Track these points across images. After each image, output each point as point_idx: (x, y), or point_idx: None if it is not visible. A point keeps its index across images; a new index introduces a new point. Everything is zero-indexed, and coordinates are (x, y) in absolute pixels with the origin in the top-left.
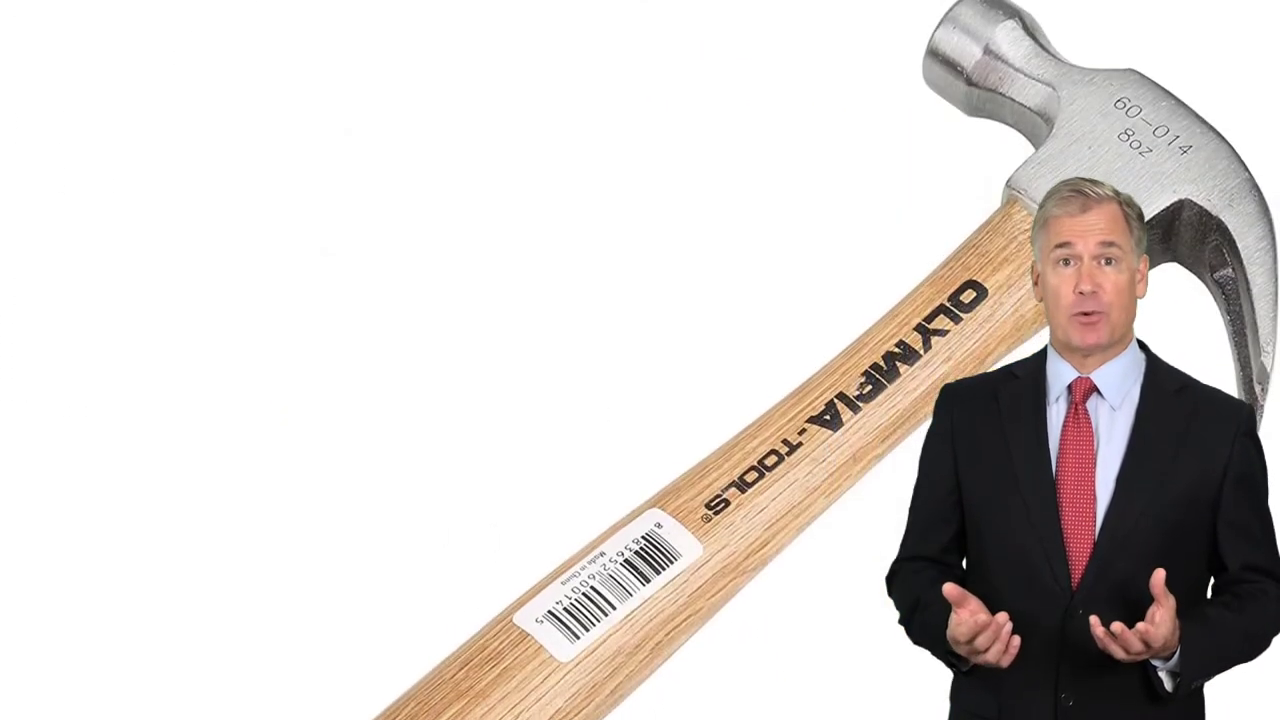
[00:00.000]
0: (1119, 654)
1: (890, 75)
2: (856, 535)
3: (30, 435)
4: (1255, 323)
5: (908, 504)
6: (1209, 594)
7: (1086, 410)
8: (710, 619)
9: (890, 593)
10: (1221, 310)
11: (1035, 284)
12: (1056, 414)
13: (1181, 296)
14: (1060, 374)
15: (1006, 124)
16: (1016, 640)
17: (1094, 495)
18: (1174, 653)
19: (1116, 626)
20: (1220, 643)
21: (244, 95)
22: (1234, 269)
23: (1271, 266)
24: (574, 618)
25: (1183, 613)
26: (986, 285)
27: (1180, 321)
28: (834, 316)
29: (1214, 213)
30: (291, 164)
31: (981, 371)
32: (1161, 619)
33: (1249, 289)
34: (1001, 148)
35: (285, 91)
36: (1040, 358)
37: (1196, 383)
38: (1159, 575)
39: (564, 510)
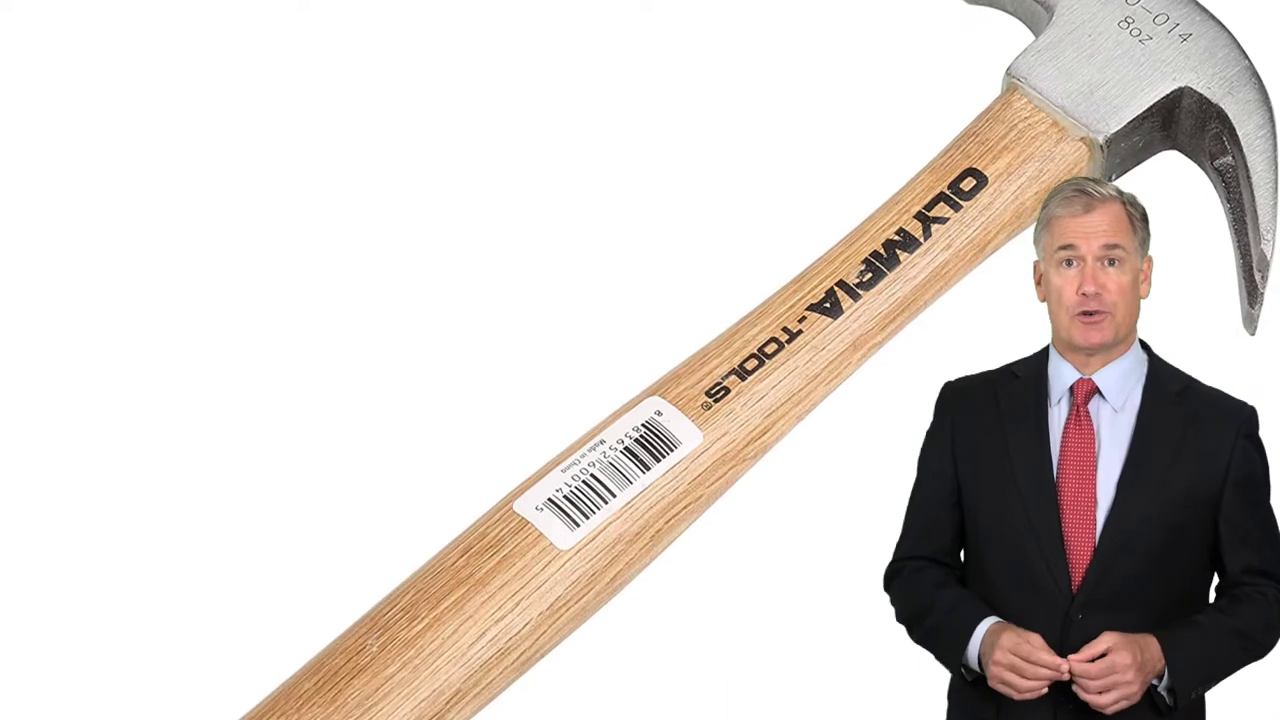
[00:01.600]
0: (1095, 699)
1: None
2: (857, 423)
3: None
4: (1255, 210)
5: (906, 503)
6: (1211, 597)
7: (1088, 412)
8: (710, 506)
9: (888, 589)
10: (1221, 198)
11: (1038, 284)
12: (1058, 416)
13: (1182, 185)
14: (1062, 375)
15: (1006, 11)
16: (1045, 689)
17: (1095, 498)
18: (1163, 671)
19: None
20: (1213, 647)
21: (240, 95)
22: (1234, 157)
23: (1271, 154)
24: (574, 505)
25: (1177, 620)
26: (986, 173)
27: (1180, 211)
28: (834, 204)
29: (1214, 100)
30: (285, 164)
31: (982, 259)
32: (1110, 642)
33: (1249, 176)
34: (1002, 35)
35: (283, 92)
36: (1042, 358)
37: (1199, 384)
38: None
39: (564, 398)
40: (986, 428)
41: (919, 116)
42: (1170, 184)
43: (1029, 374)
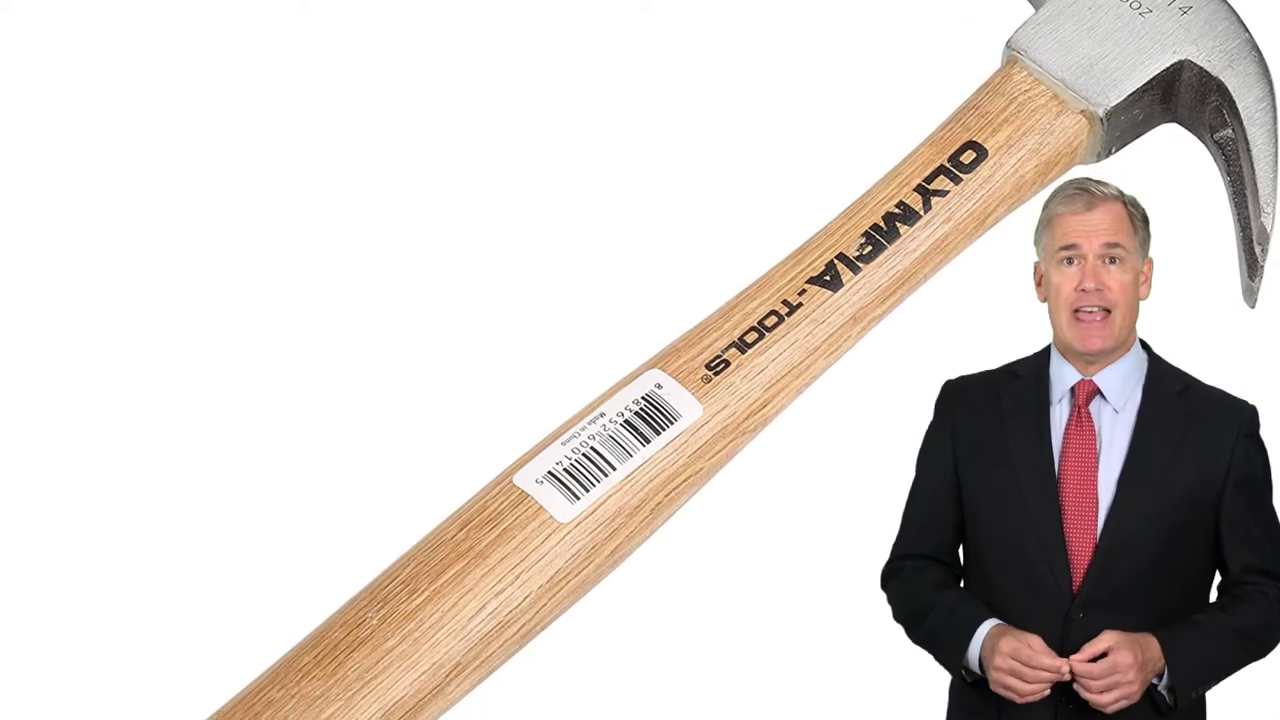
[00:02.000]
0: (1097, 698)
1: None
2: (857, 396)
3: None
4: (1255, 183)
5: (905, 501)
6: (1213, 596)
7: (1089, 413)
8: (710, 480)
9: (885, 588)
10: (1221, 171)
11: (1038, 285)
12: (1059, 416)
13: (1182, 159)
14: (1063, 376)
15: None
16: (1047, 690)
17: (1096, 497)
18: (1163, 670)
19: (1072, 665)
20: (1214, 647)
21: (240, 95)
22: (1234, 130)
23: (1271, 127)
24: (574, 478)
25: (1177, 619)
26: (986, 146)
27: (1180, 184)
28: (835, 177)
29: (1214, 74)
30: (284, 163)
31: (982, 232)
32: (1110, 641)
33: (1249, 150)
34: (1001, 8)
35: (283, 92)
36: (1043, 357)
37: (1199, 383)
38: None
39: (564, 371)
40: (987, 427)
41: (919, 90)
42: (1170, 158)
43: (1030, 374)
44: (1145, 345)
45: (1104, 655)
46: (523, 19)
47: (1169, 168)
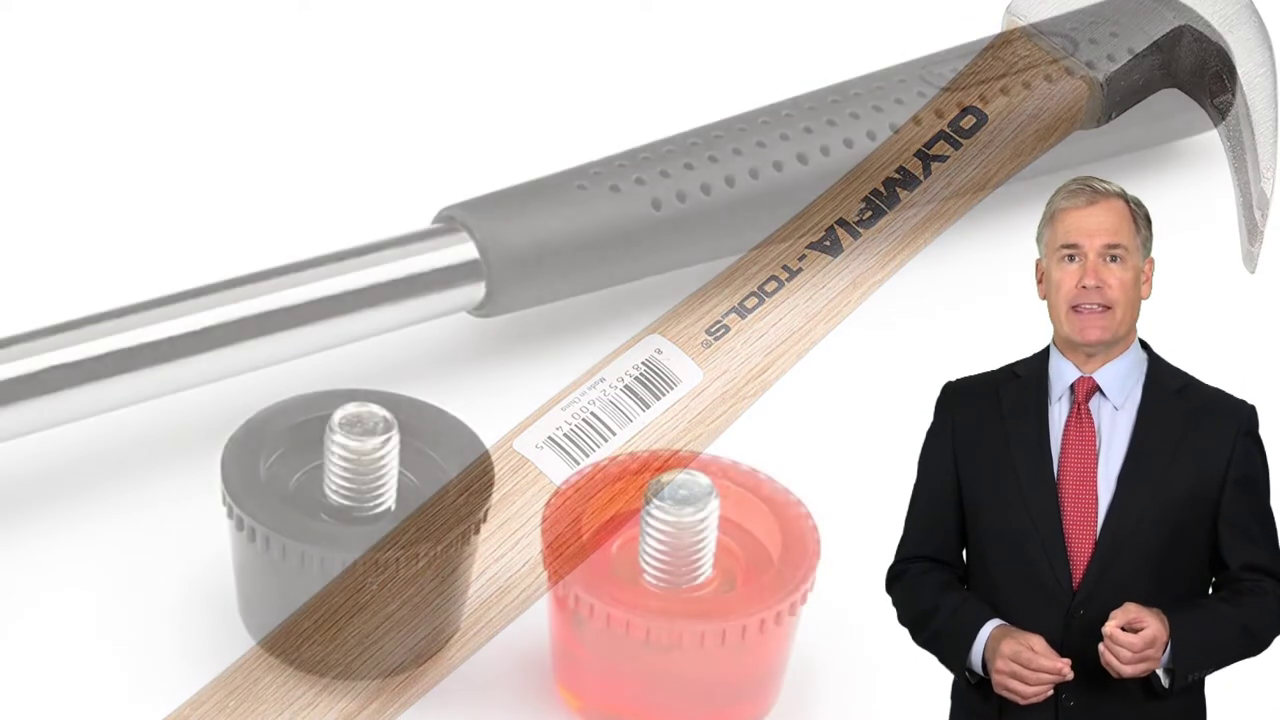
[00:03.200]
0: (1123, 669)
1: None
2: (858, 361)
3: None
4: (1255, 149)
5: (907, 504)
6: (1209, 593)
7: (1089, 410)
8: (709, 446)
9: (890, 591)
10: (1222, 137)
11: (1040, 282)
12: (1059, 413)
13: (1182, 124)
14: (1063, 373)
15: None
16: (1050, 691)
17: (1096, 495)
18: (1166, 646)
19: (1110, 631)
20: (1215, 631)
21: (239, 95)
22: (1234, 95)
23: (1271, 92)
24: (574, 443)
25: (1183, 603)
26: (986, 111)
27: (1180, 151)
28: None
29: (1214, 39)
30: (284, 163)
31: (982, 196)
32: (1138, 612)
33: (1249, 115)
34: None
35: (282, 92)
36: (1043, 357)
37: (1198, 382)
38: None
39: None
40: (988, 426)
41: (919, 55)
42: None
43: (1030, 373)
44: (1144, 344)
45: (1137, 626)
46: (523, 18)
47: (1167, 163)
